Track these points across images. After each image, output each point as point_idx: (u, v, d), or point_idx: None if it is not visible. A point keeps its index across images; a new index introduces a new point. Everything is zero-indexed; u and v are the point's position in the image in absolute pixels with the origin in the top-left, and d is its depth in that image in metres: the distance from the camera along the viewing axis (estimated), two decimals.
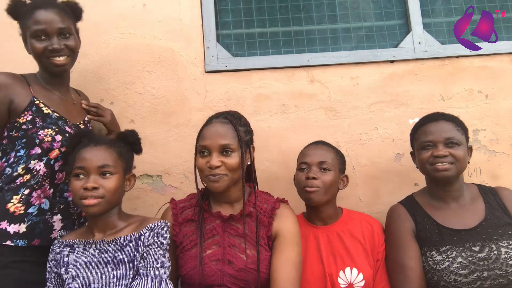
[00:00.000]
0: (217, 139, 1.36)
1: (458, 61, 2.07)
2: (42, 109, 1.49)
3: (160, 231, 1.32)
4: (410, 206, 1.61)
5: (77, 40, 1.59)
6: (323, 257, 1.53)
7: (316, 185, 1.53)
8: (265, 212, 1.42)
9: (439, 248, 1.48)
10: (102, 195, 1.29)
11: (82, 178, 1.30)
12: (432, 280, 1.47)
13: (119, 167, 1.35)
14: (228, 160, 1.36)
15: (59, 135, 1.47)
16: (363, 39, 2.15)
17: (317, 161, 1.57)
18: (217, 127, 1.40)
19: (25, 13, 1.50)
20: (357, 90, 2.02)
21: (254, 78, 2.02)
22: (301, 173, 1.60)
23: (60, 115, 1.54)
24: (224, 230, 1.41)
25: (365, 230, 1.58)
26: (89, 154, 1.32)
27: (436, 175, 1.53)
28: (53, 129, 1.47)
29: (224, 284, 1.34)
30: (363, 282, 1.48)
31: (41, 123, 1.47)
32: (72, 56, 1.57)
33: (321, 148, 1.63)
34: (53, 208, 1.47)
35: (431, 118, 1.61)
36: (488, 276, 1.40)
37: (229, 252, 1.37)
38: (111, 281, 1.26)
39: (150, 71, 1.99)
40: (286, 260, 1.34)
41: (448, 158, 1.50)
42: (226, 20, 2.12)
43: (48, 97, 1.55)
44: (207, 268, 1.34)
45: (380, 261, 1.55)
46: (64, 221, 1.49)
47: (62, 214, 1.49)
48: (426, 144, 1.56)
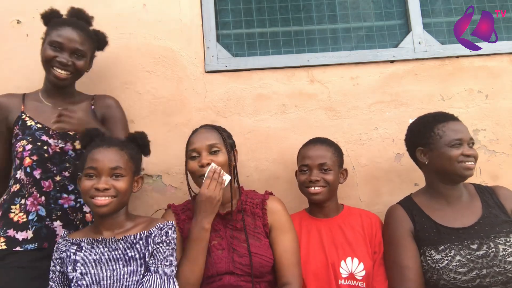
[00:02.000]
0: (204, 141, 1.51)
1: (458, 61, 2.06)
2: (26, 122, 1.59)
3: (169, 230, 1.39)
4: (408, 206, 1.62)
5: (87, 64, 1.66)
6: (325, 248, 1.59)
7: (319, 186, 1.62)
8: (257, 205, 1.56)
9: (438, 247, 1.49)
10: (113, 195, 1.33)
11: (94, 178, 1.33)
12: (431, 279, 1.47)
13: (129, 169, 1.39)
14: (216, 158, 1.49)
15: (30, 144, 1.53)
16: (363, 39, 2.15)
17: (317, 163, 1.63)
18: (203, 132, 1.55)
19: (54, 23, 1.62)
20: (357, 90, 2.02)
21: (254, 78, 2.02)
22: (303, 175, 1.67)
23: (43, 125, 1.59)
24: (225, 226, 1.53)
25: (365, 222, 1.65)
26: (101, 155, 1.35)
27: (464, 174, 1.54)
28: (27, 139, 1.55)
29: (230, 271, 1.43)
30: (364, 272, 1.53)
31: (21, 135, 1.56)
32: (75, 74, 1.64)
33: (319, 148, 1.67)
34: (50, 214, 1.52)
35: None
36: (487, 273, 1.41)
37: (233, 242, 1.49)
38: (122, 277, 1.30)
39: (150, 71, 1.99)
40: (284, 248, 1.50)
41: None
42: (226, 20, 2.12)
43: (37, 109, 1.63)
44: (215, 256, 1.45)
45: (377, 253, 1.59)
46: (65, 227, 1.53)
47: (62, 221, 1.53)
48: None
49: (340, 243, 1.59)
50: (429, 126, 1.62)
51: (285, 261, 1.48)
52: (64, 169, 1.57)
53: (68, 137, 1.60)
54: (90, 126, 1.49)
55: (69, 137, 1.61)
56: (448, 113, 1.65)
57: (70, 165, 1.58)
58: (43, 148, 1.55)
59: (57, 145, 1.58)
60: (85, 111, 1.69)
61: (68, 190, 1.57)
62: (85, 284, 1.30)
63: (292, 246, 1.51)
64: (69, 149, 1.60)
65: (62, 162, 1.57)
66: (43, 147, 1.55)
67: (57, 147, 1.57)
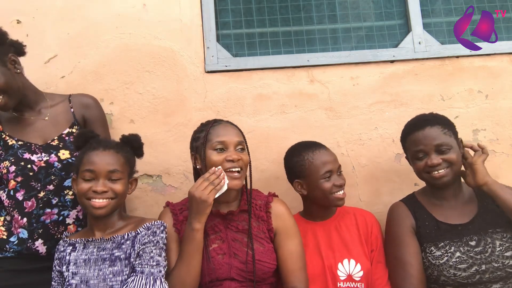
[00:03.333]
0: (233, 137, 1.46)
1: (458, 61, 2.06)
2: (7, 142, 1.55)
3: (157, 230, 1.37)
4: (411, 204, 1.64)
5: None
6: (322, 251, 1.58)
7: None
8: (261, 207, 1.51)
9: (438, 243, 1.50)
10: (111, 197, 1.34)
11: (91, 181, 1.34)
12: (432, 275, 1.49)
13: (125, 172, 1.40)
14: (243, 156, 1.46)
15: (13, 165, 1.49)
16: (363, 39, 2.15)
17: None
18: (232, 127, 1.50)
19: None
20: (357, 90, 2.02)
21: (254, 78, 2.02)
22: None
23: (24, 141, 1.55)
24: (226, 227, 1.48)
25: (359, 222, 1.64)
26: (99, 158, 1.36)
27: (435, 183, 1.55)
28: (10, 160, 1.50)
29: (231, 277, 1.39)
30: (362, 273, 1.52)
31: (3, 155, 1.53)
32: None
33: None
34: (32, 235, 1.48)
35: (418, 126, 1.59)
36: (486, 269, 1.42)
37: (234, 245, 1.44)
38: (107, 277, 1.30)
39: (150, 71, 1.99)
40: (289, 253, 1.46)
41: (443, 165, 1.52)
42: (226, 20, 2.12)
43: (14, 127, 1.58)
44: (215, 261, 1.40)
45: (374, 251, 1.59)
46: (47, 243, 1.50)
47: (42, 238, 1.50)
48: (417, 153, 1.57)
49: (337, 245, 1.59)
50: (402, 137, 1.65)
51: (291, 266, 1.44)
52: (49, 182, 1.52)
53: (52, 147, 1.55)
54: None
55: (53, 148, 1.55)
56: (421, 120, 1.61)
57: (55, 177, 1.53)
58: (27, 167, 1.49)
59: (41, 159, 1.51)
60: (65, 113, 1.64)
61: (51, 204, 1.52)
62: (74, 283, 1.31)
63: (298, 251, 1.47)
64: (55, 161, 1.53)
65: (47, 176, 1.51)
66: (27, 165, 1.49)
67: (41, 162, 1.51)
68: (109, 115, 1.92)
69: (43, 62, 1.95)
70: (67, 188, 1.55)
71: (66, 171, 1.54)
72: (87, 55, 1.96)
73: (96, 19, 1.98)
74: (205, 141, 1.45)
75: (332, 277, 1.53)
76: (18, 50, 1.57)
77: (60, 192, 1.54)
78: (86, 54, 1.96)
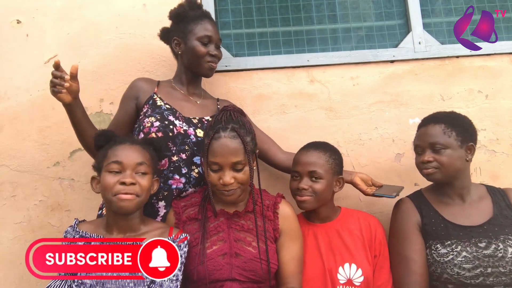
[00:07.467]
0: (228, 157, 1.38)
1: (458, 61, 2.07)
2: (156, 102, 1.65)
3: (181, 244, 1.34)
4: (417, 200, 1.63)
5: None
6: (322, 254, 1.55)
7: (306, 195, 1.56)
8: (269, 208, 1.50)
9: (444, 241, 1.50)
10: (137, 192, 1.31)
11: (118, 173, 1.31)
12: (435, 272, 1.48)
13: (151, 168, 1.38)
14: (239, 175, 1.40)
15: (158, 122, 1.57)
16: (363, 39, 2.15)
17: (307, 171, 1.56)
18: (227, 142, 1.39)
19: (194, 21, 1.69)
20: (357, 90, 2.02)
21: (254, 78, 2.02)
22: (293, 181, 1.62)
23: (171, 106, 1.65)
24: (229, 227, 1.47)
25: (363, 226, 1.60)
26: (126, 150, 1.35)
27: (427, 178, 1.59)
28: (156, 116, 1.58)
29: (233, 277, 1.38)
30: (362, 278, 1.50)
31: (150, 112, 1.60)
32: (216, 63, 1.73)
33: (312, 155, 1.59)
34: (157, 193, 1.52)
35: (424, 122, 1.63)
36: (492, 272, 1.42)
37: (236, 246, 1.43)
38: (128, 285, 1.27)
39: (150, 71, 1.99)
40: (291, 256, 1.47)
41: (433, 164, 1.53)
42: (226, 20, 2.12)
43: (168, 94, 1.70)
44: (215, 263, 1.39)
45: (377, 257, 1.56)
46: (167, 207, 1.55)
47: (166, 201, 1.55)
48: (417, 148, 1.62)
49: (338, 248, 1.56)
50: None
51: (291, 269, 1.45)
52: (183, 150, 1.57)
53: (192, 123, 1.64)
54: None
55: (192, 124, 1.63)
56: (430, 116, 1.64)
57: (189, 148, 1.58)
58: (169, 127, 1.56)
59: (181, 126, 1.60)
60: (212, 106, 1.77)
61: (181, 173, 1.55)
62: (89, 284, 1.27)
63: (299, 255, 1.49)
64: (192, 134, 1.60)
65: (182, 144, 1.57)
66: (169, 126, 1.57)
67: (181, 129, 1.59)
68: (109, 115, 1.92)
69: (43, 62, 1.95)
70: (194, 164, 1.58)
71: (198, 147, 1.58)
72: (87, 55, 1.96)
73: (96, 19, 1.97)
74: (205, 153, 1.42)
75: (332, 281, 1.51)
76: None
77: (190, 166, 1.58)
78: (86, 54, 1.96)
